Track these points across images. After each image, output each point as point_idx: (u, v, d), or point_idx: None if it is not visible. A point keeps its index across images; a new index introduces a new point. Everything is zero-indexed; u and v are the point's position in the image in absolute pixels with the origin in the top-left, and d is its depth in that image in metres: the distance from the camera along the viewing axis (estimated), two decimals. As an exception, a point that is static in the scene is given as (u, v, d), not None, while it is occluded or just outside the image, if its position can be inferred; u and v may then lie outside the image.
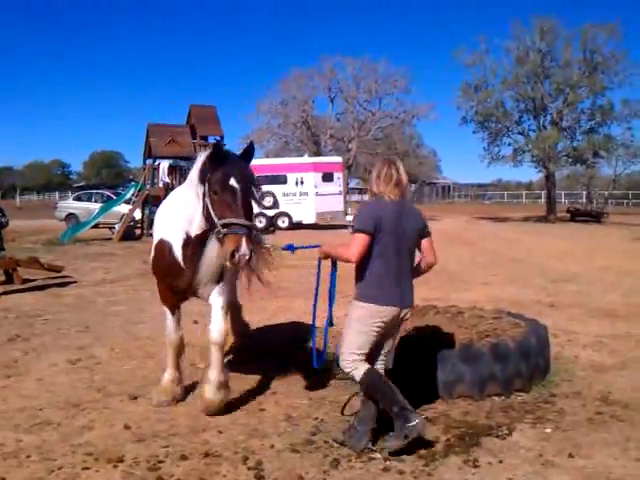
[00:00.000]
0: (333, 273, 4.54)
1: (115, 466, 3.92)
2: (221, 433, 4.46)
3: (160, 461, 3.99)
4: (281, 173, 29.44)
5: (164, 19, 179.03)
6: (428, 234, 4.30)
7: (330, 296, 4.58)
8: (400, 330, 4.52)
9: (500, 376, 5.16)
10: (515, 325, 5.76)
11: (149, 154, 25.13)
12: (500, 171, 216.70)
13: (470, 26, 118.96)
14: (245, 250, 4.04)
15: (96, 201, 28.22)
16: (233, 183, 4.22)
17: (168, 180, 22.51)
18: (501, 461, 3.99)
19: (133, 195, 23.73)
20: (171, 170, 22.92)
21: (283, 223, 28.90)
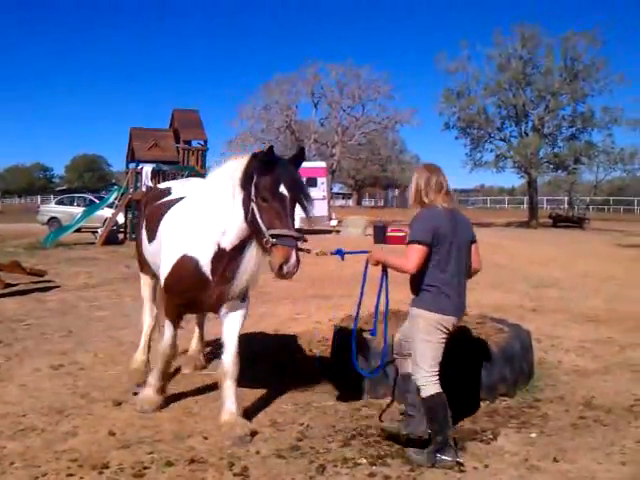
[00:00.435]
0: (384, 280, 4.41)
1: (100, 472, 3.88)
2: (206, 439, 4.44)
3: (145, 467, 3.96)
4: None
5: (147, 23, 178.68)
6: (475, 240, 4.31)
7: (377, 303, 4.48)
8: None
9: (485, 381, 5.19)
10: (499, 330, 5.80)
11: (132, 158, 25.09)
12: (483, 177, 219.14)
13: (453, 33, 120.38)
14: (294, 263, 3.92)
15: (79, 205, 28.10)
16: (284, 191, 4.01)
17: (151, 184, 22.38)
18: (487, 466, 4.02)
19: (116, 199, 23.58)
20: (154, 174, 22.83)
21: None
